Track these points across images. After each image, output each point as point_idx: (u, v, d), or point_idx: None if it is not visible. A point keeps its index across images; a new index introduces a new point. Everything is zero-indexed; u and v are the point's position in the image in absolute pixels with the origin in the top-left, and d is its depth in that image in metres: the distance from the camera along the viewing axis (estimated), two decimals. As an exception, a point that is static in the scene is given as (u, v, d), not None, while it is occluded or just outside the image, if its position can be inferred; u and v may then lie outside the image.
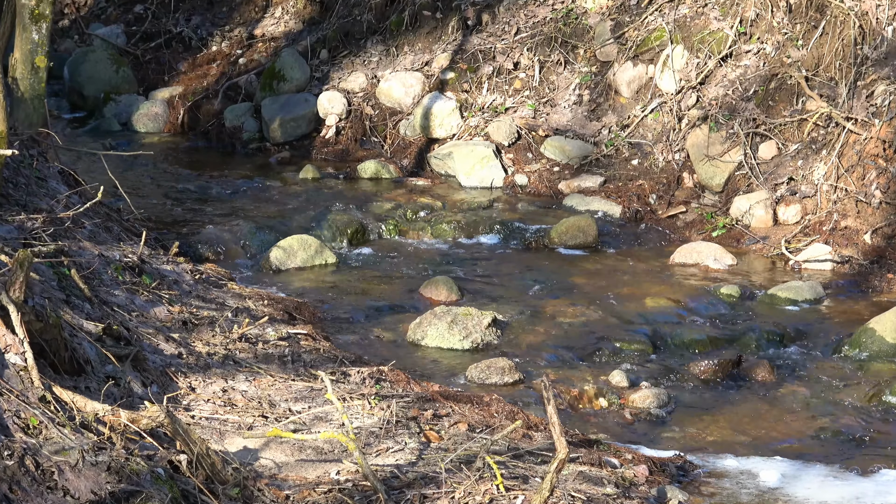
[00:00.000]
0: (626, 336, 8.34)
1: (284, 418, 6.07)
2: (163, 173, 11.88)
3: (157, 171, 11.94)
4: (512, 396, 7.24)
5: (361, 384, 6.71)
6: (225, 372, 6.59)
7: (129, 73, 13.85)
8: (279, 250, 9.59)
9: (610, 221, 10.81)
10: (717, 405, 7.48)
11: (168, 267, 8.16)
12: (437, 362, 7.95)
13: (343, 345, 7.92)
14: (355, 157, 12.39)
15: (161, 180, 11.64)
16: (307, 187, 11.58)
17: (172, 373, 6.36)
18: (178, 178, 11.74)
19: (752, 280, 9.61)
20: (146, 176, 11.74)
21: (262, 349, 7.09)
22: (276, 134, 12.75)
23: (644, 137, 11.62)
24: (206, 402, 6.18)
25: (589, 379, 7.61)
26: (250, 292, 8.33)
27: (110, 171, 8.31)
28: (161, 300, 7.39)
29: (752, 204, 10.49)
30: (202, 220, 10.40)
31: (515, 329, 8.45)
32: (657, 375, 7.79)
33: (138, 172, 11.80)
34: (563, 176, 11.59)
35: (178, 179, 11.71)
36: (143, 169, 11.93)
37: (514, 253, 10.24)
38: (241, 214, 10.57)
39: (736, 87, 11.30)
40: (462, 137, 12.14)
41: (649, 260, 10.06)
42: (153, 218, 10.08)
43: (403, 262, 9.91)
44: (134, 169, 11.86)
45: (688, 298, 9.08)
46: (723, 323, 8.71)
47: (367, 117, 12.64)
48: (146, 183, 11.50)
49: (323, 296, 9.02)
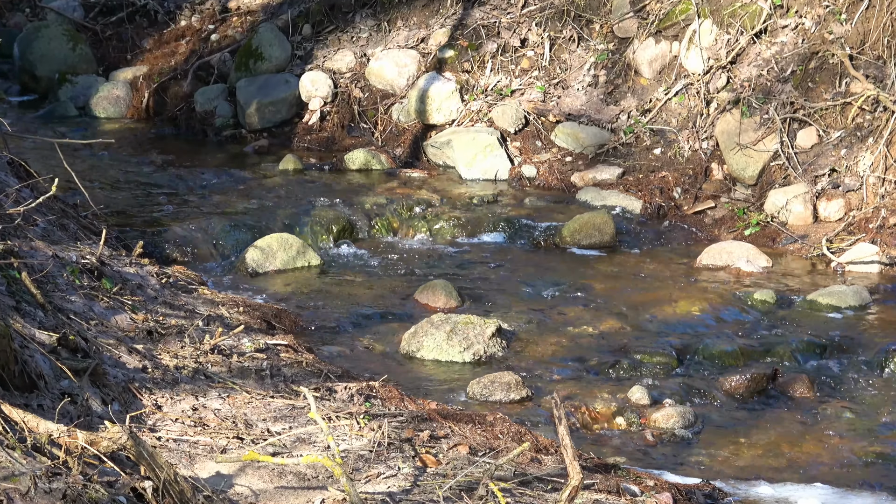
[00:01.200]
0: (648, 347, 8.34)
1: (262, 440, 6.08)
2: (125, 164, 11.89)
3: (118, 161, 11.95)
4: (519, 415, 7.25)
5: (349, 402, 6.72)
6: (195, 388, 6.59)
7: (88, 51, 13.86)
8: (256, 251, 9.59)
9: (629, 218, 10.82)
10: (750, 425, 7.48)
11: (131, 269, 8.16)
12: (435, 377, 7.96)
13: (328, 357, 7.92)
14: (342, 146, 12.40)
15: (123, 172, 11.65)
16: (288, 180, 11.59)
17: (136, 389, 6.37)
18: (142, 170, 11.74)
19: (789, 284, 9.62)
20: (106, 167, 11.75)
21: (237, 362, 7.10)
22: (253, 120, 12.75)
23: (668, 123, 11.63)
24: (174, 422, 6.19)
25: (605, 396, 7.62)
26: (224, 298, 8.33)
27: (66, 162, 8.31)
28: (123, 307, 7.39)
29: (789, 198, 10.50)
30: (170, 216, 10.41)
31: (522, 339, 8.46)
32: (682, 392, 7.80)
33: (98, 163, 11.80)
34: (576, 167, 11.60)
35: (142, 171, 11.72)
36: (103, 159, 11.94)
37: (522, 254, 10.24)
38: (213, 210, 10.58)
39: (771, 67, 11.31)
40: (462, 123, 12.15)
41: (673, 261, 10.07)
42: (114, 214, 10.09)
43: (396, 263, 9.91)
44: (93, 159, 11.86)
45: (717, 305, 9.09)
46: (756, 333, 8.72)
47: (355, 101, 12.65)
48: (106, 175, 11.50)
49: (306, 302, 9.02)
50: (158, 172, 11.68)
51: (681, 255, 10.19)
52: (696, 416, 7.44)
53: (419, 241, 10.42)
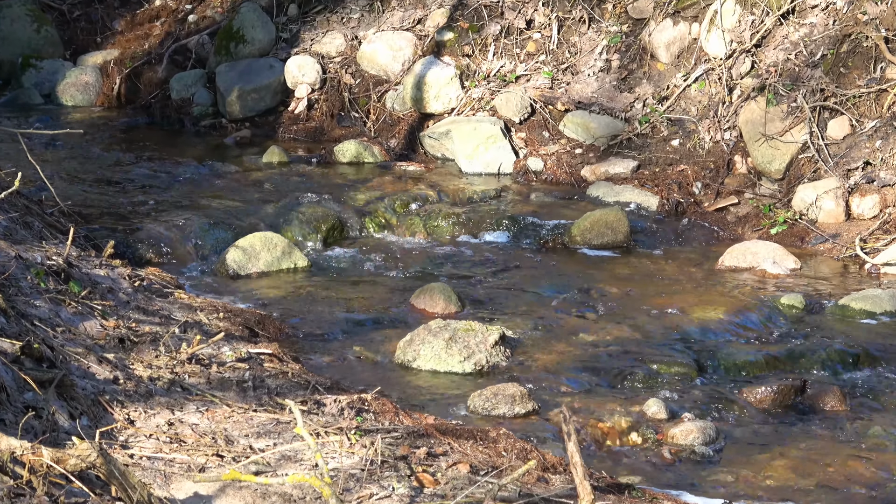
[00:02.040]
0: (665, 357, 8.34)
1: (244, 458, 6.08)
2: (95, 157, 11.89)
3: (87, 153, 11.95)
4: (524, 431, 7.24)
5: (339, 416, 6.72)
6: (171, 401, 6.59)
7: (54, 34, 13.86)
8: (238, 251, 9.59)
9: (645, 216, 10.82)
10: (777, 442, 7.49)
11: (101, 272, 8.16)
12: (433, 389, 7.96)
13: (316, 367, 7.92)
14: (331, 137, 12.41)
15: (93, 165, 11.65)
16: (272, 173, 11.59)
17: (107, 402, 6.37)
18: (113, 163, 11.74)
19: (819, 288, 9.62)
20: (74, 160, 11.75)
21: (216, 373, 7.10)
22: (234, 108, 12.75)
23: (687, 112, 11.63)
24: (147, 438, 6.19)
25: (619, 409, 7.62)
26: (202, 303, 8.33)
27: (30, 155, 8.31)
28: (93, 313, 7.39)
29: (819, 194, 10.50)
30: (143, 214, 10.41)
31: (528, 348, 8.46)
32: (703, 405, 7.79)
33: (65, 155, 11.80)
34: (586, 160, 11.60)
35: (113, 164, 11.71)
36: (71, 151, 11.93)
37: (527, 254, 10.24)
38: (190, 207, 10.58)
39: (800, 51, 11.31)
40: (463, 112, 12.16)
41: (693, 263, 10.07)
42: (83, 211, 10.08)
43: (390, 265, 9.91)
44: (59, 151, 11.86)
45: (740, 310, 9.09)
46: (783, 340, 8.72)
47: (345, 88, 12.66)
48: (74, 169, 11.50)
49: (292, 307, 9.02)
50: (131, 166, 11.68)
51: (701, 256, 10.20)
52: (718, 432, 7.44)
53: (415, 240, 10.42)
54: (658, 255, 10.23)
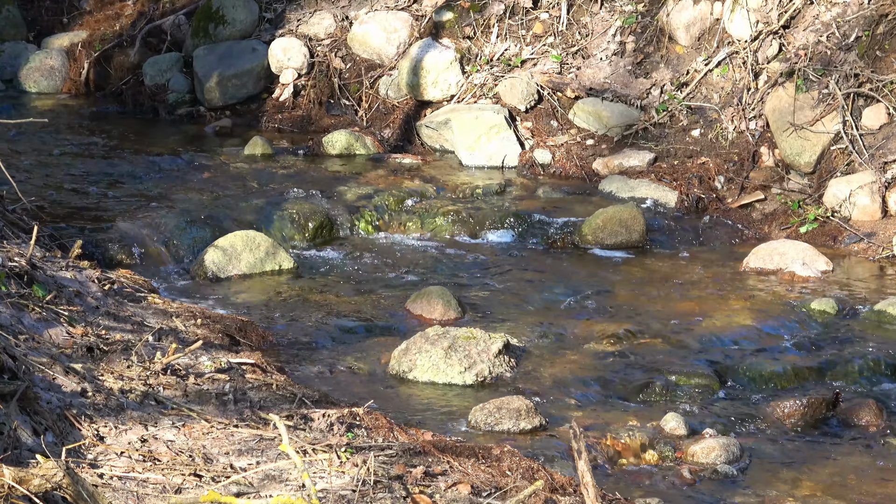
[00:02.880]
0: (684, 367, 8.35)
1: (224, 477, 6.09)
2: (61, 148, 11.89)
3: (52, 144, 11.95)
4: (530, 448, 7.25)
5: (328, 432, 6.72)
6: (144, 415, 6.60)
7: (16, 14, 13.86)
8: (217, 252, 9.60)
9: (662, 213, 10.83)
10: (806, 460, 7.49)
11: (68, 274, 8.17)
12: (430, 402, 7.97)
13: (303, 379, 7.93)
14: (320, 127, 12.41)
15: (58, 158, 11.66)
16: (255, 166, 11.60)
17: (74, 416, 6.37)
18: (81, 155, 11.75)
19: (853, 291, 9.63)
20: (38, 152, 11.75)
21: (194, 385, 7.10)
22: (214, 95, 12.76)
23: (708, 100, 11.64)
24: (119, 456, 6.19)
25: (634, 424, 7.63)
26: (178, 308, 8.34)
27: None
28: (58, 319, 7.40)
29: (853, 189, 10.51)
30: (114, 211, 10.41)
31: (535, 357, 8.47)
32: (726, 420, 7.80)
33: (28, 147, 11.80)
34: (598, 152, 11.61)
35: (81, 156, 11.72)
36: (35, 142, 11.94)
37: (534, 255, 10.25)
38: (165, 204, 10.58)
39: (832, 33, 11.32)
40: (463, 100, 12.17)
41: (715, 265, 10.08)
42: (48, 208, 10.09)
43: (384, 267, 9.92)
44: (22, 142, 11.86)
45: (766, 316, 9.10)
46: (814, 349, 8.73)
47: (335, 73, 12.67)
48: (38, 161, 11.51)
49: (276, 313, 9.03)
50: (100, 158, 11.68)
51: (723, 257, 10.20)
52: (742, 449, 7.45)
53: (412, 240, 10.43)
54: (677, 256, 10.24)
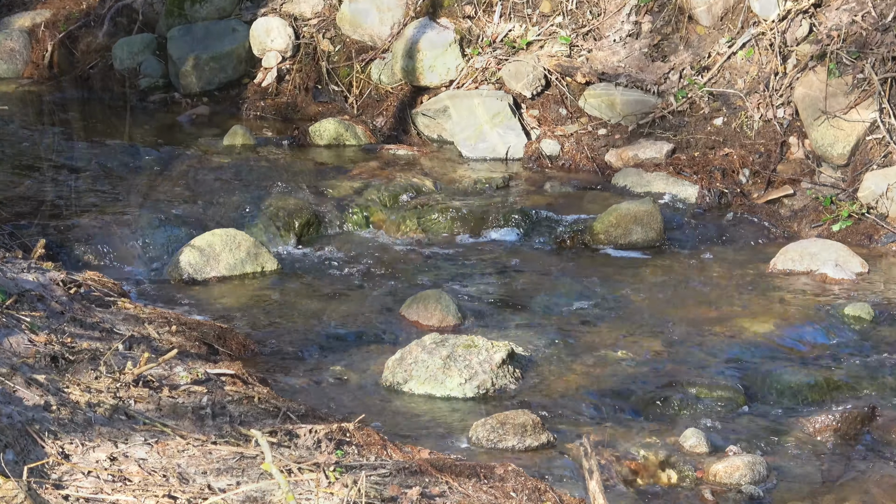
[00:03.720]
0: (705, 378, 8.35)
1: (201, 499, 6.09)
2: (22, 138, 11.89)
3: (12, 134, 11.95)
4: (537, 467, 7.26)
5: (315, 449, 6.73)
6: (114, 431, 6.60)
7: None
8: (194, 252, 9.60)
9: (681, 209, 10.83)
10: (839, 480, 7.50)
11: (30, 276, 8.17)
12: (427, 417, 7.97)
13: (288, 391, 7.93)
14: (306, 115, 12.41)
15: (19, 149, 11.65)
16: (236, 158, 11.59)
17: (37, 432, 6.38)
18: (44, 146, 11.74)
19: (889, 296, 9.63)
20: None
21: (168, 397, 7.10)
22: (190, 80, 12.76)
23: (732, 85, 11.65)
24: (86, 476, 6.20)
25: (650, 441, 7.63)
26: (151, 314, 8.34)
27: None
28: (19, 325, 7.40)
29: (890, 183, 10.51)
30: (80, 207, 10.41)
31: (542, 368, 8.47)
32: (751, 436, 7.81)
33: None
34: (611, 142, 11.61)
35: (44, 147, 11.72)
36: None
37: (540, 256, 10.25)
38: (137, 199, 10.58)
39: (867, 12, 11.32)
40: (463, 85, 12.17)
41: (739, 266, 10.08)
42: (8, 205, 10.09)
43: (377, 269, 9.92)
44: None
45: (796, 323, 9.10)
46: (848, 359, 8.73)
47: (322, 56, 12.67)
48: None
49: (258, 319, 9.03)
50: (66, 150, 11.68)
51: (749, 258, 10.20)
52: (769, 468, 7.46)
53: (407, 239, 10.43)
54: (697, 257, 10.24)
